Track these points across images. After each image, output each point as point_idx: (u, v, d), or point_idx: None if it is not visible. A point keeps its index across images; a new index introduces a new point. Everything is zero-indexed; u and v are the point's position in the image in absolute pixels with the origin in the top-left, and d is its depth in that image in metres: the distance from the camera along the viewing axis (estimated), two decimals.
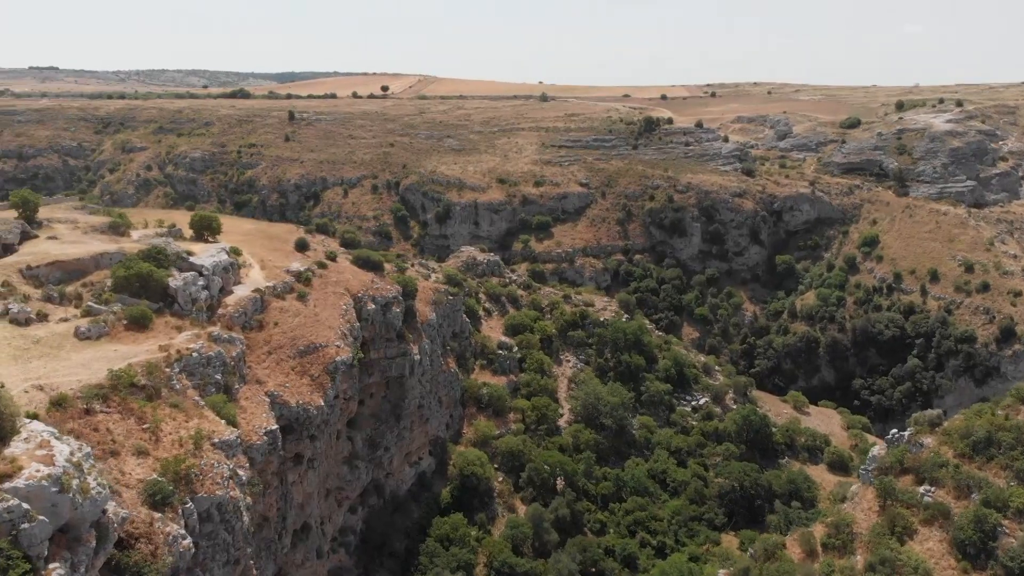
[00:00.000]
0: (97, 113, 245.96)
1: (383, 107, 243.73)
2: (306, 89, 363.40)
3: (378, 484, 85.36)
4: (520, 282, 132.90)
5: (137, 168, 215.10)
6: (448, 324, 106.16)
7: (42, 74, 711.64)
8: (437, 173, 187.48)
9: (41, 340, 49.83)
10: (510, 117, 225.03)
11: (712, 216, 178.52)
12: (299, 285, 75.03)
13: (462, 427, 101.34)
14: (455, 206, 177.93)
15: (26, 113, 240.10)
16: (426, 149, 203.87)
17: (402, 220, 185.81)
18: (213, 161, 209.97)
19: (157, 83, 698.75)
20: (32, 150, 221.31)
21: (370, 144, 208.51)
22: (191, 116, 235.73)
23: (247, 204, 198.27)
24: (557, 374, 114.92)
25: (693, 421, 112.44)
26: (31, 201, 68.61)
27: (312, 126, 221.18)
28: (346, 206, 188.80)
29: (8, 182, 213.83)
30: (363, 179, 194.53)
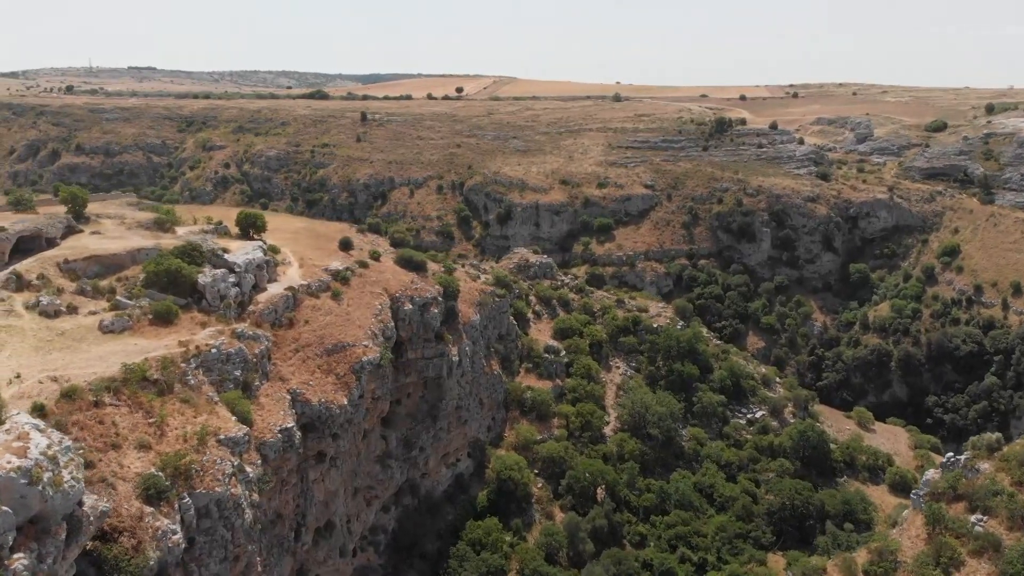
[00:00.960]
0: (181, 112, 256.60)
1: (453, 108, 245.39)
2: (384, 90, 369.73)
3: (413, 484, 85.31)
4: (572, 285, 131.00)
5: (216, 166, 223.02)
6: (494, 326, 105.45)
7: (140, 74, 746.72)
8: (500, 174, 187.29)
9: (66, 332, 51.45)
10: (578, 118, 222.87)
11: (783, 221, 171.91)
12: (336, 284, 75.57)
13: (504, 430, 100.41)
14: (516, 207, 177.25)
15: (114, 111, 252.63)
16: (491, 150, 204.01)
17: (465, 220, 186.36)
18: (287, 160, 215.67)
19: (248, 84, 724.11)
20: (119, 147, 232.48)
21: (437, 145, 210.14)
22: (269, 116, 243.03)
23: (318, 203, 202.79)
24: (605, 380, 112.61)
25: (747, 435, 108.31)
26: (79, 197, 71.41)
27: (383, 127, 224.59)
28: (411, 206, 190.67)
29: (95, 177, 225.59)
30: (429, 179, 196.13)
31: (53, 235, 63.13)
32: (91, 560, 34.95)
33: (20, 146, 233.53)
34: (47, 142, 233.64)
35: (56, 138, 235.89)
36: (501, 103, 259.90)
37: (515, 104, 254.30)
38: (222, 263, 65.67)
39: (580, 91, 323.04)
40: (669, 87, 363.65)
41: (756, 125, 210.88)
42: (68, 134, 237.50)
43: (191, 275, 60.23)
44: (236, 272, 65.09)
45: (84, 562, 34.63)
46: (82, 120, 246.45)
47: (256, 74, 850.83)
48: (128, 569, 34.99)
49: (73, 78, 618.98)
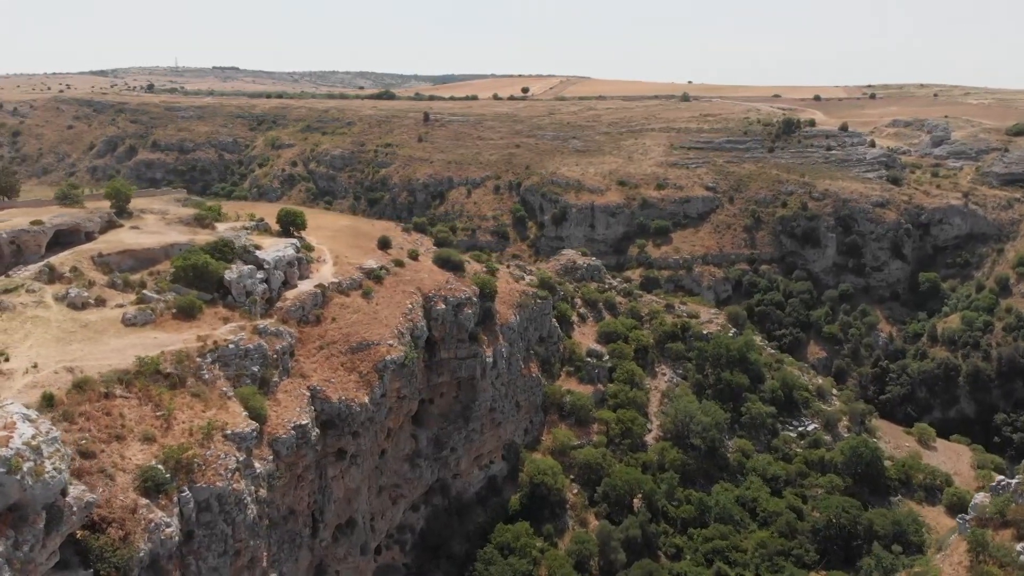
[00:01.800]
0: (253, 111, 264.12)
1: (515, 108, 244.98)
2: (452, 91, 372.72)
3: (444, 484, 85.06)
4: (620, 289, 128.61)
5: (283, 164, 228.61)
6: (534, 328, 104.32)
7: (224, 74, 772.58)
8: (557, 174, 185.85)
9: (89, 324, 52.89)
10: (640, 117, 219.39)
11: (849, 227, 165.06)
12: (368, 282, 75.88)
13: (541, 434, 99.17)
14: (571, 208, 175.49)
15: (189, 110, 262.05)
16: (550, 150, 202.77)
17: (520, 221, 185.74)
18: (351, 159, 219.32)
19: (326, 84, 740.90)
20: (192, 144, 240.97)
21: (497, 145, 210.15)
22: (336, 116, 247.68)
23: (379, 201, 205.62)
24: (649, 387, 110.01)
25: (797, 448, 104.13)
26: (122, 192, 73.64)
27: (445, 127, 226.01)
28: (468, 206, 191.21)
29: (169, 173, 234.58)
30: (487, 180, 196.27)
31: (91, 229, 65.21)
32: (77, 549, 35.53)
33: (99, 142, 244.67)
34: (125, 138, 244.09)
35: (134, 135, 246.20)
36: (563, 103, 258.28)
37: (578, 104, 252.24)
38: (252, 260, 66.71)
39: (649, 91, 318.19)
40: (742, 86, 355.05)
41: (825, 126, 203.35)
42: (145, 131, 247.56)
43: (218, 271, 61.27)
44: (265, 269, 65.99)
45: (70, 551, 35.24)
46: (159, 118, 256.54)
47: (334, 75, 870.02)
48: (112, 560, 35.39)
49: (159, 77, 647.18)
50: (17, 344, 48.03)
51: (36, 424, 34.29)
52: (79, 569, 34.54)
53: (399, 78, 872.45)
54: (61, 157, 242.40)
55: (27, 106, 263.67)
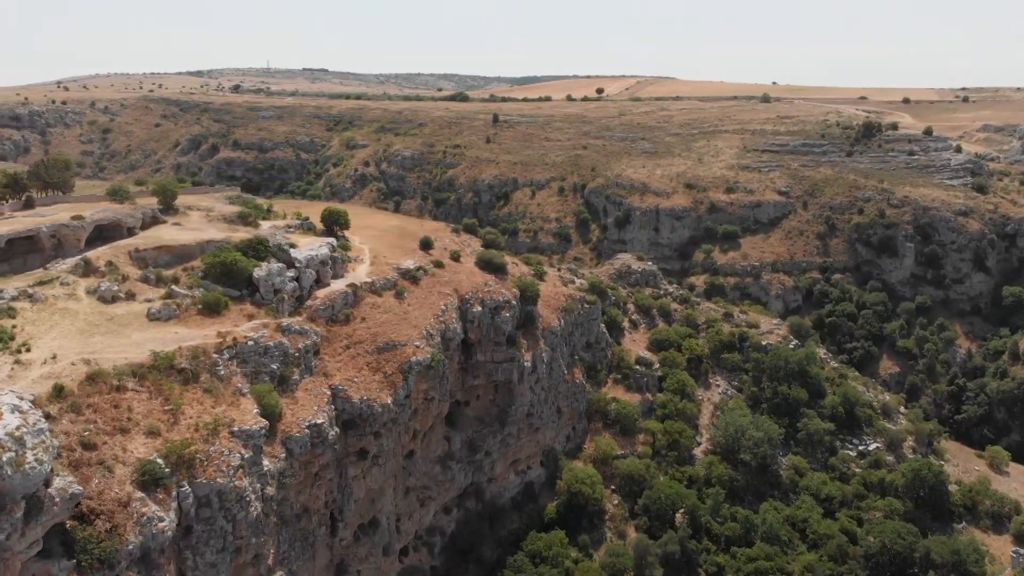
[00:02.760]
0: (330, 112, 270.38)
1: (586, 109, 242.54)
2: (528, 92, 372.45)
3: (478, 488, 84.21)
4: (677, 295, 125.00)
5: (357, 164, 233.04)
6: (581, 333, 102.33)
7: (313, 75, 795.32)
8: (622, 176, 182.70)
9: (115, 318, 54.30)
10: (713, 119, 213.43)
11: (929, 236, 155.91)
12: (404, 282, 75.78)
13: (584, 442, 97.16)
14: (635, 211, 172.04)
15: (270, 110, 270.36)
16: (617, 152, 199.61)
17: (583, 223, 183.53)
18: (421, 160, 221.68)
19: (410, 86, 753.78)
20: (271, 143, 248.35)
21: (563, 146, 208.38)
22: (409, 117, 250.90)
23: (445, 202, 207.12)
24: (701, 399, 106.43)
25: (856, 468, 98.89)
26: (168, 189, 75.70)
27: (513, 128, 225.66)
28: (532, 207, 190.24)
29: (248, 171, 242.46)
30: (551, 181, 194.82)
31: (132, 225, 67.18)
32: (63, 539, 36.18)
33: (184, 140, 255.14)
34: (208, 137, 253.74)
35: (216, 133, 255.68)
36: (635, 104, 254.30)
37: (650, 105, 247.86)
38: (285, 258, 67.42)
39: (729, 91, 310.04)
40: (827, 88, 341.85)
41: (910, 130, 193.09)
42: (227, 130, 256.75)
43: (247, 268, 62.08)
44: (296, 267, 66.57)
45: (55, 540, 35.92)
46: (241, 117, 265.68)
47: (419, 77, 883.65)
48: (95, 552, 35.88)
49: (251, 78, 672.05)
50: (42, 335, 49.63)
51: (25, 415, 35.05)
52: (61, 559, 35.07)
53: (481, 80, 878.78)
54: (148, 154, 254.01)
55: (118, 104, 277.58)
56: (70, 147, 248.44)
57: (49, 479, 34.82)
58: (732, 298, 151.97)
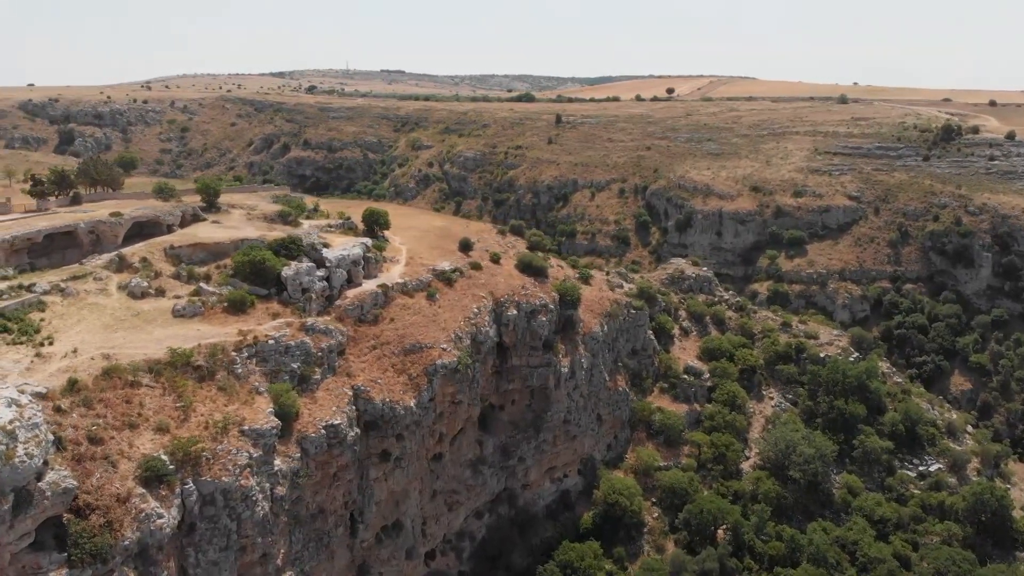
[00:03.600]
0: (398, 113, 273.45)
1: (651, 110, 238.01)
2: (596, 92, 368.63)
3: (512, 494, 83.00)
4: (732, 302, 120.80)
5: (421, 164, 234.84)
6: (626, 339, 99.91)
7: (390, 76, 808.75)
8: (685, 178, 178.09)
9: (141, 313, 55.27)
10: (784, 120, 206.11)
11: (1008, 246, 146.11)
12: (438, 283, 75.21)
13: (626, 451, 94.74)
14: (697, 214, 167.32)
15: (340, 110, 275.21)
16: (682, 153, 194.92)
17: (643, 226, 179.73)
18: (483, 161, 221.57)
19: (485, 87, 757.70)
20: (340, 143, 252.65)
21: (626, 147, 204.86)
22: (473, 118, 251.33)
23: (504, 203, 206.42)
24: (752, 411, 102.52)
25: (915, 489, 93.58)
26: (211, 188, 77.12)
27: (575, 129, 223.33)
28: (590, 209, 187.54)
29: (317, 170, 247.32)
30: (612, 183, 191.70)
31: (171, 222, 68.60)
32: (57, 533, 36.60)
33: (257, 139, 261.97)
34: (280, 136, 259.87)
35: (288, 133, 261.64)
36: (703, 104, 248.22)
37: (718, 105, 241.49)
38: (317, 257, 67.65)
39: (805, 92, 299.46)
40: (910, 88, 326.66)
41: (993, 134, 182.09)
42: (298, 130, 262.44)
43: (275, 267, 62.47)
44: (327, 267, 66.69)
45: (49, 533, 36.37)
46: (312, 117, 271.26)
47: (493, 78, 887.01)
48: (86, 546, 36.16)
49: (331, 79, 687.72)
50: (68, 329, 50.83)
51: (22, 409, 35.57)
52: (53, 552, 35.46)
53: (555, 80, 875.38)
54: (223, 152, 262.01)
55: (196, 104, 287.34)
56: (150, 145, 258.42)
57: (42, 473, 35.25)
58: (796, 306, 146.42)
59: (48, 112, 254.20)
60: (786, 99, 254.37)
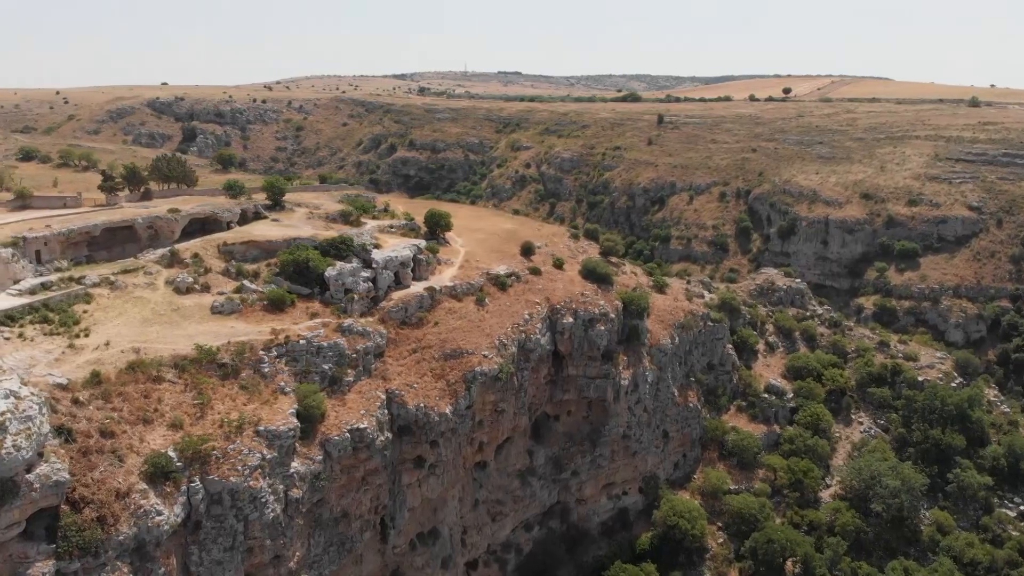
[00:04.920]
0: (501, 114, 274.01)
1: (760, 110, 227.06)
2: (707, 92, 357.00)
3: (565, 508, 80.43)
4: (826, 318, 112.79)
5: (518, 165, 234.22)
6: (701, 353, 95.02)
7: (506, 78, 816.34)
8: (791, 183, 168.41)
9: (180, 309, 56.44)
10: (904, 123, 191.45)
11: None
12: (491, 288, 73.59)
13: (695, 471, 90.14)
14: (800, 221, 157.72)
15: (445, 112, 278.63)
16: (789, 156, 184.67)
17: (744, 232, 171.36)
18: (579, 162, 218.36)
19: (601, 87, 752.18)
20: (443, 144, 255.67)
21: (730, 149, 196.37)
22: (574, 119, 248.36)
23: (598, 205, 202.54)
24: (838, 436, 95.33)
25: (1014, 531, 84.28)
26: (276, 187, 78.53)
27: (677, 130, 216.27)
28: (688, 213, 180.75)
29: (420, 171, 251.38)
30: (712, 186, 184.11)
31: (230, 219, 70.15)
32: (49, 524, 37.27)
33: (366, 139, 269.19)
34: (387, 137, 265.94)
35: (395, 134, 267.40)
36: (817, 105, 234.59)
37: (834, 106, 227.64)
38: (366, 258, 67.44)
39: (934, 93, 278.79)
40: None
41: None
42: (405, 130, 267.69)
43: (319, 266, 62.57)
44: (374, 268, 66.33)
45: (41, 525, 37.08)
46: (418, 119, 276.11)
47: (609, 78, 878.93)
48: (75, 540, 36.62)
49: (449, 81, 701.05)
50: (107, 321, 52.45)
51: (20, 401, 36.40)
52: (42, 543, 36.10)
53: (673, 80, 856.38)
54: (334, 151, 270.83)
55: (312, 104, 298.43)
56: (266, 143, 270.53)
57: (33, 464, 35.94)
58: (904, 324, 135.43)
59: (173, 110, 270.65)
60: (910, 101, 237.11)
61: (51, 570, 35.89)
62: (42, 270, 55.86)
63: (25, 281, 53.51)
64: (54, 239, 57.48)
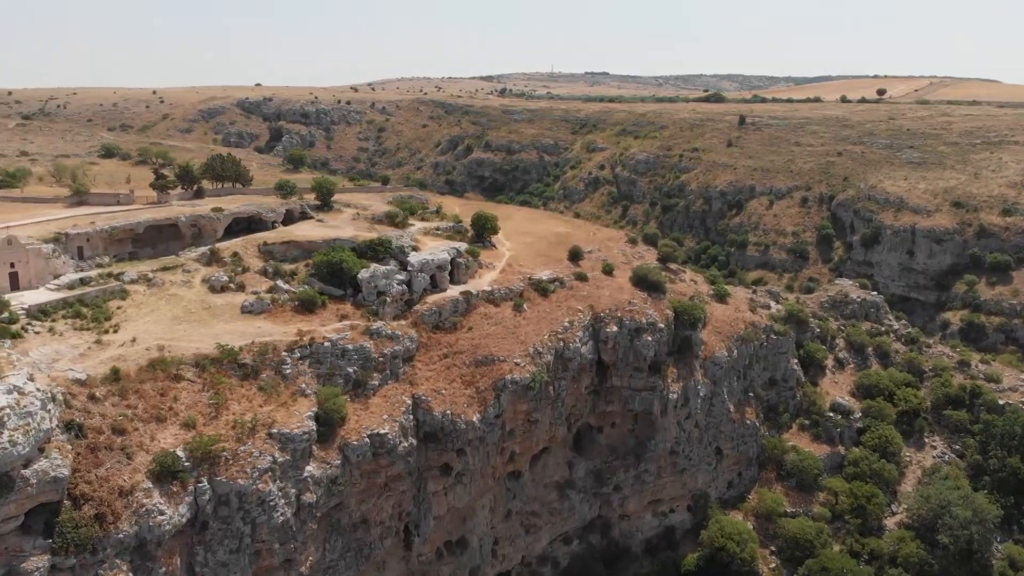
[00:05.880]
0: (578, 115, 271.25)
1: (850, 112, 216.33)
2: (799, 92, 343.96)
3: (606, 523, 77.80)
4: (902, 334, 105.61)
5: (592, 167, 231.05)
6: (763, 367, 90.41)
7: (593, 78, 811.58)
8: (877, 189, 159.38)
9: (211, 307, 56.98)
10: (1004, 128, 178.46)
11: None
12: (531, 293, 71.87)
13: (750, 491, 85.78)
14: (885, 229, 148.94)
15: (522, 113, 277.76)
16: (877, 160, 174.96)
17: (825, 240, 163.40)
18: (655, 164, 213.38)
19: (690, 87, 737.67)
20: (518, 146, 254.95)
21: (814, 152, 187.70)
22: (652, 119, 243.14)
23: (672, 208, 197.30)
24: (907, 461, 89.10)
25: None
26: (325, 187, 78.87)
27: (759, 131, 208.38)
28: (766, 218, 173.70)
29: (495, 172, 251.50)
30: (794, 190, 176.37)
31: (274, 219, 70.79)
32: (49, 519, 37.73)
33: (444, 140, 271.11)
34: (464, 138, 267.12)
35: (472, 135, 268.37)
36: (909, 107, 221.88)
37: (928, 109, 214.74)
38: (404, 261, 66.76)
39: None
40: None
41: None
42: (482, 132, 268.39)
43: (353, 268, 62.19)
44: (409, 270, 65.57)
45: (39, 519, 37.58)
46: (495, 120, 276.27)
47: (700, 78, 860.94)
48: (70, 536, 36.94)
49: (535, 82, 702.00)
50: (138, 318, 53.37)
51: (24, 397, 36.98)
52: (38, 537, 36.55)
53: (767, 80, 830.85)
54: (413, 152, 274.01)
55: (394, 106, 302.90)
56: (349, 143, 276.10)
57: (31, 460, 36.40)
58: (993, 341, 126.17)
59: (262, 110, 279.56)
60: (1013, 104, 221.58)
61: (46, 565, 36.28)
62: (83, 266, 57.47)
63: (65, 276, 55.11)
64: (96, 236, 59.11)
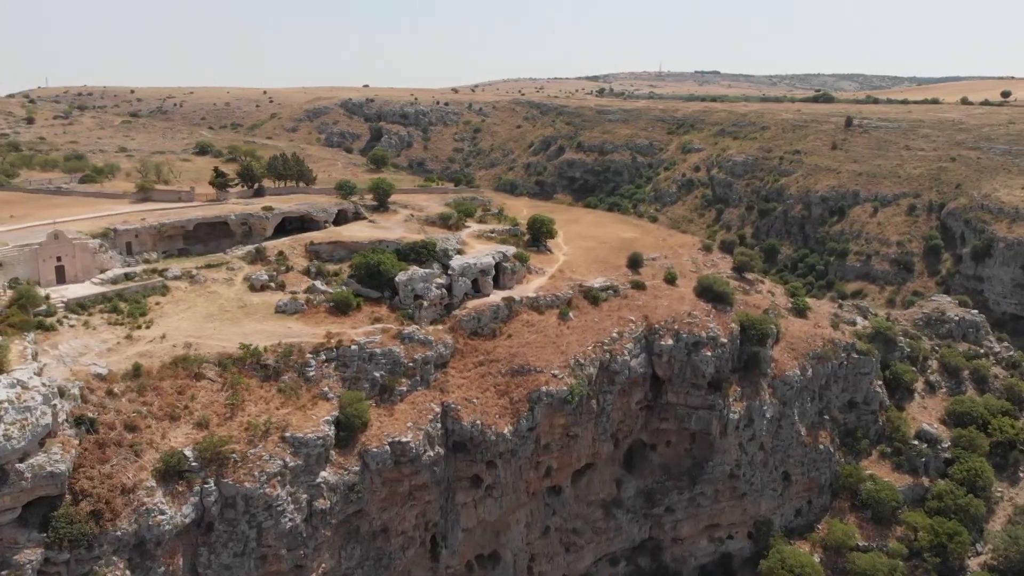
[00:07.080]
0: (675, 115, 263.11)
1: (967, 114, 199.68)
2: (916, 93, 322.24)
3: (657, 545, 73.98)
4: (1003, 357, 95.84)
5: (687, 168, 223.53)
6: (841, 388, 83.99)
7: (703, 78, 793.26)
8: (991, 198, 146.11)
9: (247, 306, 57.20)
10: None
11: None
12: (580, 301, 69.06)
13: (819, 520, 79.82)
14: (998, 242, 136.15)
15: (616, 113, 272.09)
16: (994, 167, 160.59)
17: (933, 251, 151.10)
18: (753, 166, 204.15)
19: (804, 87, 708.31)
20: (611, 146, 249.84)
21: (925, 157, 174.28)
22: (753, 120, 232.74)
23: (769, 213, 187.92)
24: (999, 496, 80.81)
25: None
26: (383, 188, 78.45)
27: (867, 134, 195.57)
28: (870, 226, 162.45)
29: (586, 173, 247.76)
30: (901, 197, 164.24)
31: (324, 219, 70.80)
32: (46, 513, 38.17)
33: (536, 141, 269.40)
34: (557, 139, 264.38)
35: (565, 135, 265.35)
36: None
37: None
38: (446, 264, 65.33)
39: None
40: None
41: None
42: (575, 132, 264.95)
43: (391, 271, 61.20)
44: (449, 274, 64.06)
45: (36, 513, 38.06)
46: (589, 120, 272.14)
47: (817, 77, 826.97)
48: (63, 532, 37.20)
49: (642, 82, 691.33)
50: (172, 315, 54.10)
51: (25, 392, 37.51)
52: (33, 531, 37.01)
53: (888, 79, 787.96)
54: (506, 153, 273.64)
55: (491, 107, 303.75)
56: (445, 144, 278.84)
57: (27, 454, 36.85)
58: None
59: (363, 111, 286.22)
60: None
61: (39, 558, 36.68)
62: (130, 261, 58.93)
63: (110, 271, 56.61)
64: (145, 232, 60.57)
